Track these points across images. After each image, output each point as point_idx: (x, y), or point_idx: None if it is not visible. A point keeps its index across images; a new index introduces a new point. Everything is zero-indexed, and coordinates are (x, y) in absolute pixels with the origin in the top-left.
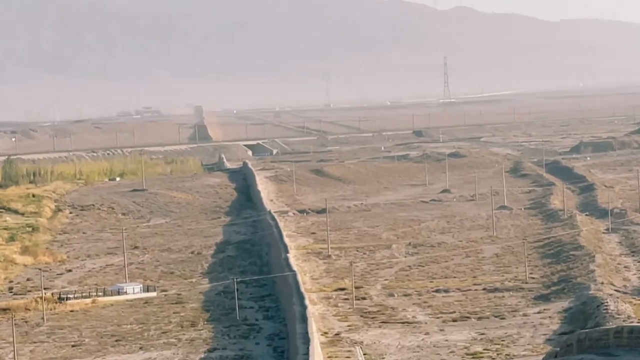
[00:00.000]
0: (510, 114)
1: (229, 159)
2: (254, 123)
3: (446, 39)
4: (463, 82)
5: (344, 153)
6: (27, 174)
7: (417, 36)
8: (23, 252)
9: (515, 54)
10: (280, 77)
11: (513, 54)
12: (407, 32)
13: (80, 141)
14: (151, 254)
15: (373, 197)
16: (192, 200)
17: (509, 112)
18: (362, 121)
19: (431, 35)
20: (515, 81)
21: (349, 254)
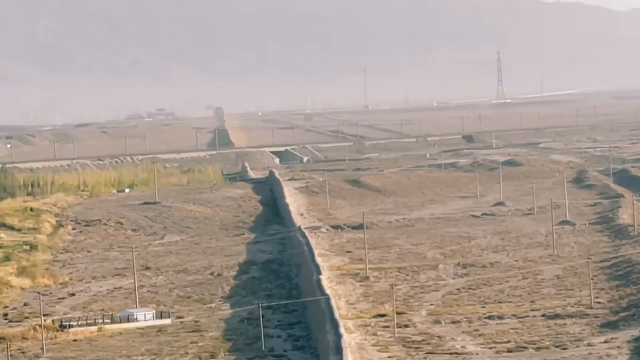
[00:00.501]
0: (573, 116)
1: (253, 168)
2: (281, 127)
3: (500, 32)
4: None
5: (384, 161)
6: (24, 185)
7: (467, 29)
8: (20, 274)
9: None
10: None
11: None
12: (455, 24)
13: (84, 148)
14: (165, 275)
15: (417, 210)
16: (212, 215)
17: (572, 114)
18: (405, 125)
19: (483, 27)
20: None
21: (389, 276)
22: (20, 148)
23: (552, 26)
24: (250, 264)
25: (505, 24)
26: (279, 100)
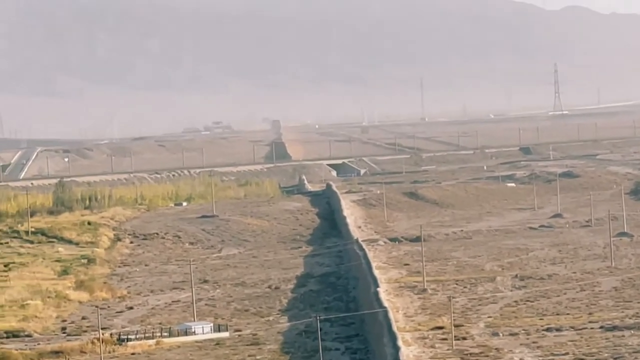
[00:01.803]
0: (630, 127)
1: (311, 181)
2: (338, 139)
3: (557, 43)
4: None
5: (441, 173)
6: (82, 199)
7: (524, 40)
8: (78, 288)
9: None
10: (368, 87)
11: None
12: (512, 36)
13: (141, 161)
14: (223, 288)
15: (474, 223)
16: (269, 228)
17: (629, 125)
18: (462, 137)
19: (539, 38)
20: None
21: (447, 288)
22: (78, 162)
23: (609, 37)
24: (308, 276)
25: (562, 35)
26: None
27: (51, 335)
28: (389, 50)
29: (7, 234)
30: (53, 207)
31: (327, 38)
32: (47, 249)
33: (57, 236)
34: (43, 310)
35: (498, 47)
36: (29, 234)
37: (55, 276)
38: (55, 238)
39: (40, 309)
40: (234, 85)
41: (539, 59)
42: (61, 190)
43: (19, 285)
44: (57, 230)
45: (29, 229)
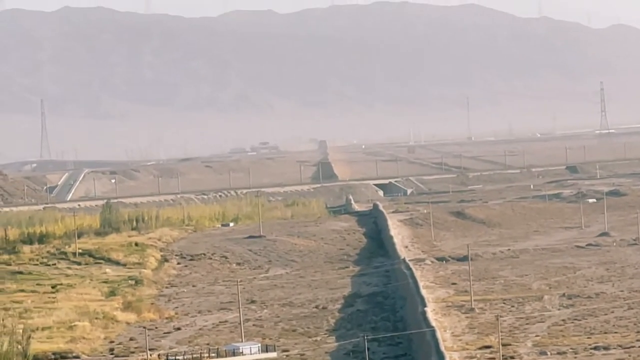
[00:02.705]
0: None
1: (357, 201)
2: (385, 159)
3: (603, 62)
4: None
5: (488, 192)
6: (129, 220)
7: (570, 59)
8: (125, 309)
9: None
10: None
11: None
12: (558, 54)
13: (188, 182)
14: (270, 309)
15: (521, 242)
16: (316, 248)
17: None
18: (508, 156)
19: (585, 57)
20: None
21: (494, 307)
22: (125, 183)
23: None
24: (355, 296)
25: (609, 54)
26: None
27: (99, 357)
28: (435, 70)
29: (54, 256)
30: (100, 229)
31: (373, 58)
32: (95, 270)
33: (104, 257)
34: (91, 331)
35: (544, 66)
36: (76, 256)
37: (103, 297)
38: (103, 259)
39: (88, 330)
40: (280, 105)
41: (585, 78)
42: (108, 212)
43: (67, 307)
44: (104, 251)
45: (76, 251)
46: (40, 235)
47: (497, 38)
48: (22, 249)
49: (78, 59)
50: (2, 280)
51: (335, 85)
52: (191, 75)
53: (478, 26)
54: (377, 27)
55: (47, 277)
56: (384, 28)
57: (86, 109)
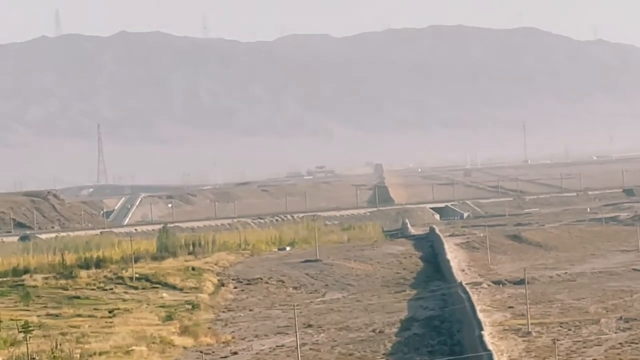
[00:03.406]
0: None
1: (414, 224)
2: (441, 183)
3: None
4: None
5: (544, 216)
6: (186, 245)
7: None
8: (182, 333)
9: None
10: (471, 130)
11: None
12: (614, 77)
13: (244, 206)
14: (327, 333)
15: (578, 265)
16: (373, 272)
17: None
18: (565, 179)
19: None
20: None
21: (551, 331)
22: (182, 208)
23: None
24: (412, 320)
25: None
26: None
27: None
28: (491, 93)
29: (111, 280)
30: (157, 253)
31: (428, 81)
32: (151, 294)
33: (161, 282)
34: (148, 356)
35: (600, 88)
36: (133, 280)
37: (160, 322)
38: (159, 284)
39: (145, 354)
40: (336, 129)
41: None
42: (165, 236)
43: (124, 331)
44: (161, 276)
45: (133, 275)
46: (97, 259)
47: (554, 61)
48: (79, 274)
49: (135, 83)
50: (59, 305)
51: (391, 108)
52: (248, 99)
53: (535, 49)
54: (433, 51)
55: (104, 301)
56: (440, 51)
57: (143, 133)
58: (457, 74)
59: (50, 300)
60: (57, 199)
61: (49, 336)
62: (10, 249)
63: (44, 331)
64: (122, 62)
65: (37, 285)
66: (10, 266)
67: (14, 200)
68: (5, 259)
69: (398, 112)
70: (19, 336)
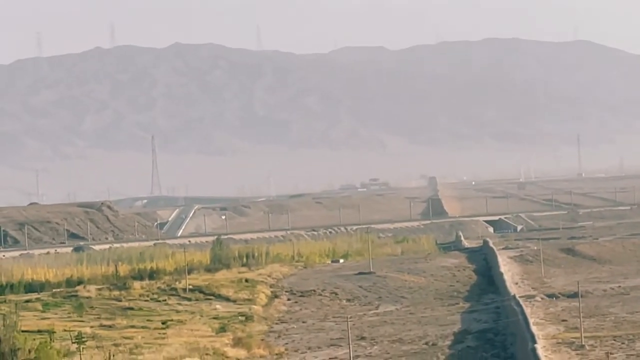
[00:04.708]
0: None
1: (467, 237)
2: (495, 196)
3: None
4: None
5: (598, 229)
6: (239, 256)
7: None
8: (235, 345)
9: None
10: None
11: None
12: None
13: (298, 218)
14: (380, 345)
15: (632, 278)
16: (426, 284)
17: None
18: (619, 192)
19: None
20: None
21: (605, 344)
22: (235, 219)
23: None
24: (465, 333)
25: None
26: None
27: None
28: (544, 106)
29: (165, 292)
30: (210, 265)
31: (482, 94)
32: (205, 306)
33: (214, 293)
34: None
35: None
36: (186, 292)
37: (213, 333)
38: (213, 295)
39: None
40: (390, 141)
41: None
42: (218, 248)
43: (177, 343)
44: (214, 287)
45: (186, 287)
46: (150, 271)
47: (608, 74)
48: (133, 285)
49: (189, 95)
50: (112, 316)
51: (446, 121)
52: (302, 111)
53: (590, 62)
54: (487, 63)
55: (157, 313)
56: (494, 64)
57: (197, 145)
58: (512, 87)
59: (104, 311)
60: (111, 210)
61: (102, 347)
62: (64, 259)
63: (97, 342)
64: (177, 74)
65: (90, 296)
66: (64, 277)
67: (68, 211)
68: (59, 269)
69: (452, 124)
70: (72, 347)
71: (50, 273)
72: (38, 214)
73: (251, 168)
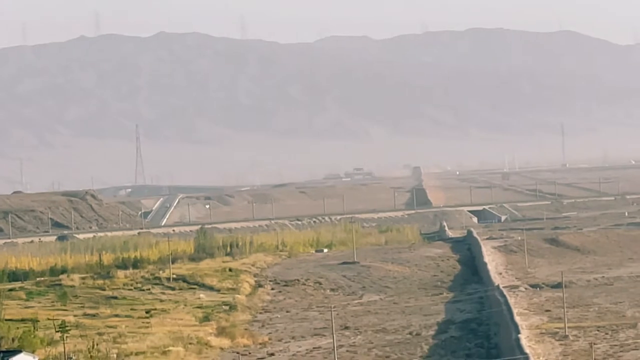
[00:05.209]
0: None
1: (451, 227)
2: (479, 186)
3: None
4: None
5: (582, 219)
6: (223, 246)
7: None
8: (219, 334)
9: None
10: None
11: None
12: None
13: (282, 208)
14: (364, 335)
15: (615, 269)
16: (410, 274)
17: None
18: (603, 183)
19: None
20: None
21: (588, 334)
22: (219, 209)
23: None
24: (449, 323)
25: None
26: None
27: None
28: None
29: (148, 281)
30: (194, 254)
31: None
32: (189, 295)
33: (198, 283)
34: (184, 356)
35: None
36: (170, 281)
37: (197, 322)
38: (197, 284)
39: (182, 355)
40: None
41: None
42: (202, 237)
43: (161, 332)
44: (198, 276)
45: (170, 276)
46: (134, 260)
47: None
48: (117, 274)
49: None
50: (96, 305)
51: (430, 111)
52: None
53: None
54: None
55: (141, 302)
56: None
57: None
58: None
59: (88, 300)
60: (95, 199)
61: (86, 336)
62: (48, 248)
63: (80, 331)
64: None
65: (74, 285)
66: (48, 266)
67: (52, 200)
68: (43, 258)
69: (437, 114)
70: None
71: (34, 262)
72: (22, 203)
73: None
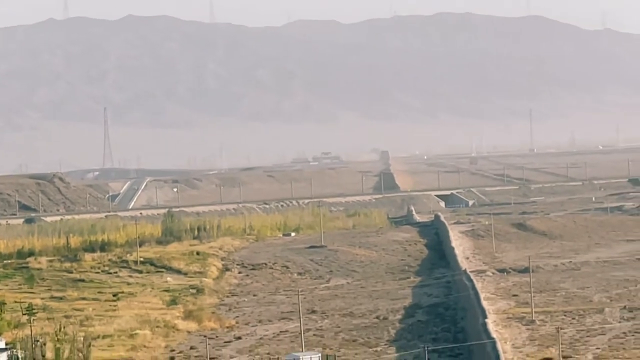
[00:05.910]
0: None
1: (419, 211)
2: (447, 170)
3: None
4: None
5: (550, 204)
6: (191, 229)
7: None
8: (186, 317)
9: None
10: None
11: None
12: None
13: (250, 191)
14: (331, 319)
15: (583, 254)
16: (377, 258)
17: None
18: (570, 168)
19: None
20: None
21: (555, 319)
22: (187, 192)
23: None
24: (416, 307)
25: None
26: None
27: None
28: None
29: (116, 264)
30: (162, 237)
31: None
32: (156, 278)
33: (165, 266)
34: (152, 340)
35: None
36: (137, 264)
37: (164, 306)
38: (164, 268)
39: (149, 338)
40: (343, 115)
41: None
42: (170, 220)
43: (128, 315)
44: (165, 260)
45: (137, 259)
46: (102, 243)
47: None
48: (84, 257)
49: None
50: (63, 288)
51: (398, 95)
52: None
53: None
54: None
55: (108, 285)
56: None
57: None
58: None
59: (55, 283)
60: (63, 182)
61: (53, 319)
62: (15, 231)
63: (48, 314)
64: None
65: (41, 267)
66: (15, 248)
67: (19, 182)
68: (10, 241)
69: (405, 99)
70: (23, 318)
71: (1, 244)
72: None
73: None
